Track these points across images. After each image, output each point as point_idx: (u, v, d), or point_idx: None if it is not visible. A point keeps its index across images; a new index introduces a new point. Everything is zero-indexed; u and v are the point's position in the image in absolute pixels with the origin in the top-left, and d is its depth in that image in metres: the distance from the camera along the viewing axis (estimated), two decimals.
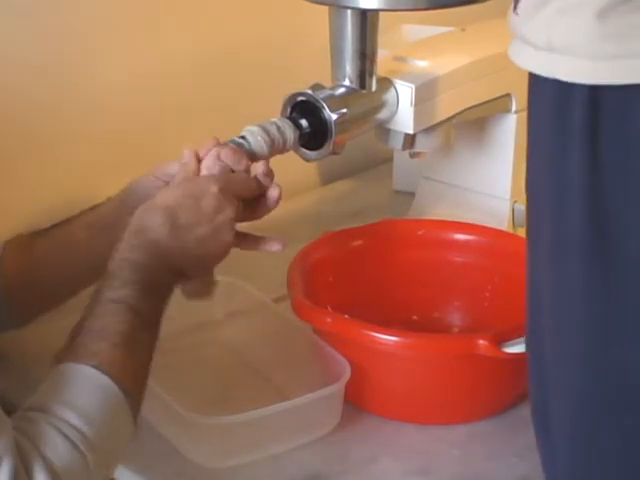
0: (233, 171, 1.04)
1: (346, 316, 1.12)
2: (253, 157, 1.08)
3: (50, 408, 0.85)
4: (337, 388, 1.07)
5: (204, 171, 1.03)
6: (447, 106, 1.27)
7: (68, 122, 1.37)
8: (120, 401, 0.88)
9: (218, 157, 1.04)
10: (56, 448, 0.83)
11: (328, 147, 1.15)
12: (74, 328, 0.92)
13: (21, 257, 1.10)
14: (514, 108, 1.37)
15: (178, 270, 0.98)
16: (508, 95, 1.36)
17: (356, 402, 1.13)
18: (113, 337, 0.90)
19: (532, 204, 0.85)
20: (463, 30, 1.40)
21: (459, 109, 1.29)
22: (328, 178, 1.73)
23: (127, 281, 0.93)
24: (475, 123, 1.38)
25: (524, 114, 1.35)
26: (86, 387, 0.87)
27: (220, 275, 1.07)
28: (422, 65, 1.26)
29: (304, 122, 1.14)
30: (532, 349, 0.88)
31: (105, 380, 0.87)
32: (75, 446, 0.83)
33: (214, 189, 1.00)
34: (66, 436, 0.83)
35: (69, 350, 0.90)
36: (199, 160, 1.05)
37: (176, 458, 1.06)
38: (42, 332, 1.26)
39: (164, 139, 1.37)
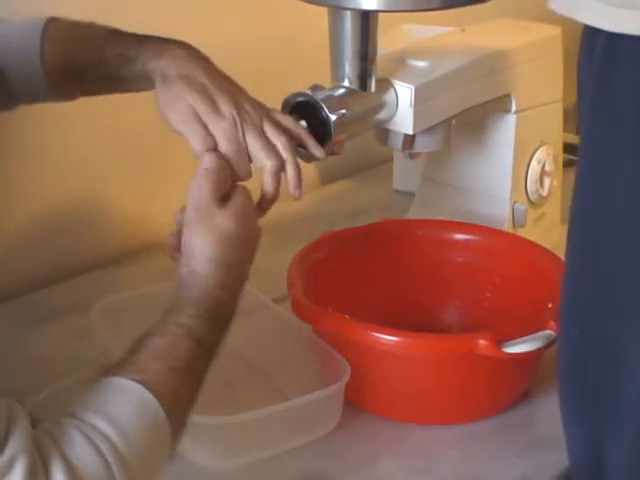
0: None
1: (346, 316, 1.12)
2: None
3: (81, 414, 0.82)
4: (337, 388, 1.07)
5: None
6: (447, 107, 1.27)
7: (70, 118, 1.38)
8: (162, 423, 0.85)
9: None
10: (77, 449, 0.80)
11: (327, 148, 1.15)
12: (134, 342, 0.90)
13: (65, 36, 1.08)
14: (514, 108, 1.37)
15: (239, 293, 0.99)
16: (508, 95, 1.36)
17: (356, 402, 1.13)
18: (172, 361, 0.88)
19: (597, 176, 0.83)
20: (463, 30, 1.40)
21: (459, 109, 1.29)
22: (328, 178, 1.73)
23: (205, 314, 0.92)
24: (475, 123, 1.38)
25: (524, 114, 1.38)
26: (125, 400, 0.84)
27: None
28: (421, 65, 1.25)
29: (303, 123, 1.13)
30: (589, 329, 0.87)
31: (148, 397, 0.85)
32: (99, 452, 0.81)
33: (249, 209, 1.01)
34: (90, 440, 0.81)
35: (119, 364, 0.88)
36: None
37: (176, 458, 1.06)
38: (46, 333, 1.27)
39: (164, 138, 1.37)
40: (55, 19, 1.09)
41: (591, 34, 0.82)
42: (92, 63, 1.07)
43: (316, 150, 1.10)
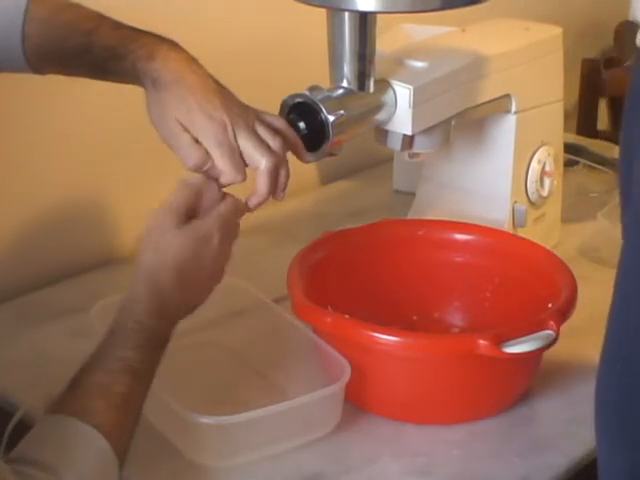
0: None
1: (346, 316, 1.12)
2: None
3: (49, 467, 0.85)
4: (337, 388, 1.07)
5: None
6: (446, 107, 1.27)
7: (68, 116, 1.38)
8: (114, 466, 0.90)
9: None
10: None
11: (325, 149, 1.15)
12: (76, 375, 0.93)
13: (49, 17, 1.06)
14: (514, 108, 1.37)
15: (178, 321, 1.00)
16: (508, 95, 1.36)
17: (356, 402, 1.13)
18: (114, 398, 0.91)
19: None
20: (463, 30, 1.40)
21: (458, 110, 1.29)
22: (328, 178, 1.73)
23: (137, 345, 0.94)
24: (475, 123, 1.38)
25: (524, 114, 1.38)
26: (88, 450, 0.89)
27: None
28: (421, 66, 1.25)
29: (302, 124, 1.13)
30: (634, 362, 0.88)
31: (103, 443, 0.89)
32: None
33: (215, 242, 0.99)
34: None
35: (69, 401, 0.91)
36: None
37: (176, 458, 1.06)
38: (46, 333, 1.27)
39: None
40: None
41: None
42: (76, 50, 1.05)
43: (303, 155, 1.10)
